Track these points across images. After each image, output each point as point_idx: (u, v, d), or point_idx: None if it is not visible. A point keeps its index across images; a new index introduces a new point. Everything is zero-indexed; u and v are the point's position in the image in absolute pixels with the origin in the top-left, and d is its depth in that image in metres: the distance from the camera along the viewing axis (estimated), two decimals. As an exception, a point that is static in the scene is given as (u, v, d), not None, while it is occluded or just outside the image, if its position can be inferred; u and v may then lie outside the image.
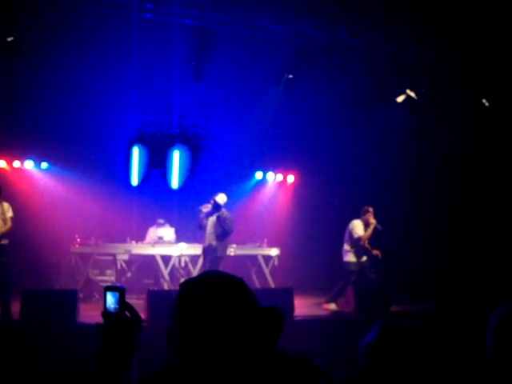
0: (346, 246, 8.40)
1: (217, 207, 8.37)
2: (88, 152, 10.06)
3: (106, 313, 1.44)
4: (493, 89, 9.25)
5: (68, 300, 6.57)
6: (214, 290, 1.32)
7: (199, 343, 1.27)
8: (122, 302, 1.44)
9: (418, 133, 9.90)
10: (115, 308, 1.44)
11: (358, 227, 8.31)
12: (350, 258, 8.33)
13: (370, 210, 8.36)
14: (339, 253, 8.54)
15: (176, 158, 11.20)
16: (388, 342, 1.63)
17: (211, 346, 1.27)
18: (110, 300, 1.44)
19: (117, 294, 1.44)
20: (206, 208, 8.44)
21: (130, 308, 1.44)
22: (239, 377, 1.27)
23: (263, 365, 1.33)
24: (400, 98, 9.26)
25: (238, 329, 1.28)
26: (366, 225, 8.33)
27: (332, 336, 6.52)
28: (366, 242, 8.29)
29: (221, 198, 8.41)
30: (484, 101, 9.41)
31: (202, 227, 8.52)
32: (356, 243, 8.29)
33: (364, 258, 8.35)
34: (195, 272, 9.57)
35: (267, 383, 1.31)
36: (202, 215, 8.47)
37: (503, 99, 9.20)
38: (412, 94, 9.17)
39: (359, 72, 8.33)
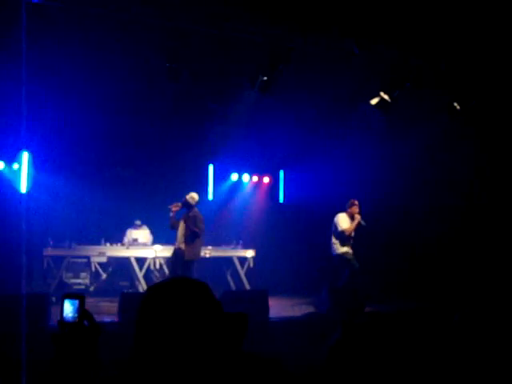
0: (333, 239, 8.52)
1: (188, 207, 8.13)
2: (62, 152, 9.90)
3: (62, 322, 1.39)
4: (464, 92, 9.44)
5: (39, 304, 6.46)
6: (177, 294, 1.33)
7: (158, 345, 1.28)
8: (81, 310, 1.40)
9: (392, 134, 10.02)
10: (73, 317, 1.39)
11: (342, 220, 8.44)
12: (340, 249, 8.43)
13: (356, 202, 8.48)
14: (328, 248, 8.61)
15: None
16: (349, 341, 1.65)
17: (171, 349, 1.28)
18: (68, 308, 1.40)
19: (76, 302, 1.40)
20: (176, 207, 8.14)
21: (89, 317, 1.41)
22: (198, 379, 1.28)
23: (226, 367, 1.34)
24: (374, 101, 9.36)
25: (199, 331, 1.30)
26: (352, 218, 8.44)
27: (306, 337, 6.55)
28: (350, 234, 8.42)
29: (191, 197, 8.14)
30: (455, 104, 9.60)
31: (175, 228, 8.25)
32: (340, 236, 8.40)
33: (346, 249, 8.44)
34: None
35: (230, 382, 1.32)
36: (171, 214, 8.19)
37: (473, 103, 9.37)
38: (386, 97, 9.27)
39: (334, 75, 8.40)
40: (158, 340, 1.29)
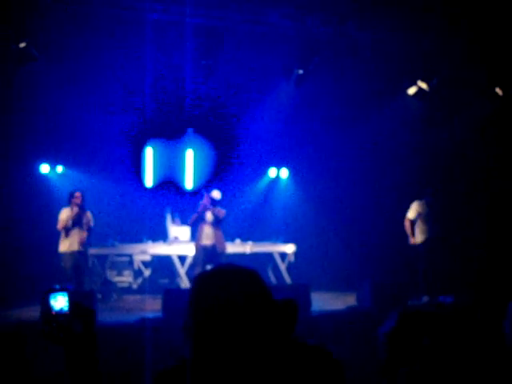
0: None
1: (213, 203, 8.35)
2: (99, 153, 10.11)
3: (49, 317, 1.35)
4: (506, 77, 9.15)
5: (85, 301, 6.61)
6: (227, 282, 1.32)
7: (213, 335, 1.27)
8: (70, 303, 1.37)
9: (431, 125, 9.80)
10: (62, 310, 1.35)
11: (410, 208, 8.44)
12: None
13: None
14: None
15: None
16: (406, 330, 1.63)
17: (225, 338, 1.26)
18: (56, 303, 1.36)
19: (62, 296, 1.36)
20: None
21: (78, 305, 1.39)
22: (254, 367, 1.27)
23: (278, 355, 1.33)
24: (411, 90, 9.18)
25: (252, 320, 1.28)
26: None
27: (349, 330, 6.50)
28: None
29: (217, 194, 8.39)
30: (497, 90, 9.32)
31: (195, 225, 8.54)
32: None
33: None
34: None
35: (282, 372, 1.32)
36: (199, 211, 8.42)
37: None
38: (423, 86, 9.09)
39: (367, 67, 8.28)
40: (212, 329, 1.28)
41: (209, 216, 8.39)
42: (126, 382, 4.95)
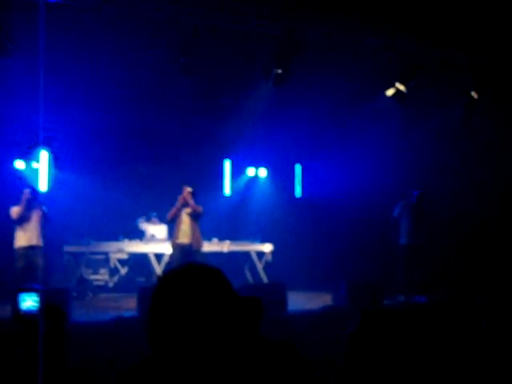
0: None
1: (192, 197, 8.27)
2: (77, 150, 9.99)
3: (18, 316, 1.35)
4: (481, 81, 9.32)
5: (60, 299, 6.54)
6: (189, 280, 1.32)
7: (172, 333, 1.27)
8: (40, 303, 1.36)
9: (408, 125, 9.93)
10: (31, 310, 1.35)
11: (396, 207, 8.74)
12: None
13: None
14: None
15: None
16: (369, 329, 1.64)
17: (185, 336, 1.27)
18: (26, 302, 1.36)
19: (31, 296, 1.36)
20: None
21: (48, 305, 1.40)
22: (216, 365, 1.27)
23: (241, 353, 1.34)
24: (390, 92, 9.28)
25: (213, 317, 1.29)
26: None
27: (325, 329, 6.53)
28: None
29: (190, 190, 8.33)
30: (473, 93, 9.49)
31: (174, 221, 8.43)
32: None
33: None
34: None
35: (245, 370, 1.32)
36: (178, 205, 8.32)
37: (491, 91, 9.25)
38: (401, 88, 9.19)
39: (347, 67, 8.35)
40: (173, 327, 1.28)
41: (187, 210, 8.33)
42: (100, 380, 4.91)
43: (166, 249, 9.62)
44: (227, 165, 11.62)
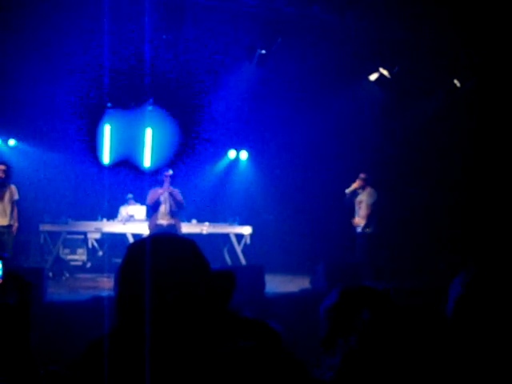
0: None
1: (172, 183, 8.15)
2: (57, 128, 9.79)
3: None
4: (464, 69, 9.34)
5: (33, 278, 6.44)
6: (158, 249, 1.27)
7: (138, 303, 1.23)
8: (3, 271, 1.32)
9: (389, 111, 9.93)
10: None
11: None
12: None
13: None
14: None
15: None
16: (347, 304, 1.63)
17: (152, 305, 1.23)
18: None
19: None
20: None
21: (14, 276, 1.35)
22: (182, 337, 1.24)
23: (212, 323, 1.30)
24: (373, 76, 9.26)
25: (182, 287, 1.25)
26: None
27: (302, 311, 6.56)
28: None
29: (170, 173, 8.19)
30: (456, 81, 9.52)
31: (157, 204, 8.23)
32: None
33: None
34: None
35: (214, 342, 1.29)
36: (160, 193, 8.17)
37: (474, 80, 9.29)
38: (385, 73, 9.18)
39: (331, 50, 8.29)
40: (141, 297, 1.24)
41: (166, 195, 8.22)
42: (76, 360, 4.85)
43: (145, 229, 9.54)
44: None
